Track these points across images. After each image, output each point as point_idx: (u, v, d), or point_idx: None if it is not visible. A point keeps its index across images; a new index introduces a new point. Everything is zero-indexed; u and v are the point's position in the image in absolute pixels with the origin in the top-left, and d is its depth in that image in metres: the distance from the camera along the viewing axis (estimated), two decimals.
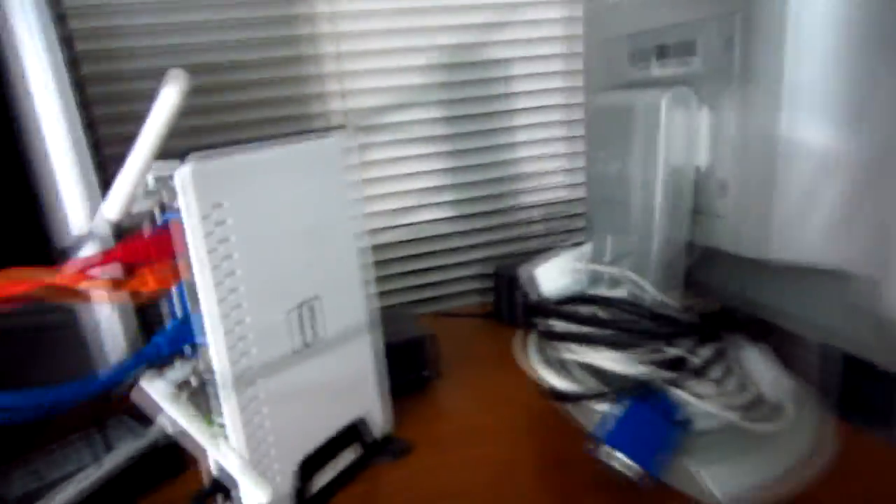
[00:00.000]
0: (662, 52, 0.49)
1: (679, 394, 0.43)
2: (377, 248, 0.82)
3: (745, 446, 0.43)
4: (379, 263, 0.82)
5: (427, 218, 0.84)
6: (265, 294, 0.39)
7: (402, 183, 0.83)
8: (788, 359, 0.47)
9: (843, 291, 0.39)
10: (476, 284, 0.89)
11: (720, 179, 0.45)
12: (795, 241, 0.40)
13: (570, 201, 0.91)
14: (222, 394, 0.38)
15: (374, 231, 0.82)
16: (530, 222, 0.90)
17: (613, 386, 0.45)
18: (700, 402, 0.43)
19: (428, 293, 0.87)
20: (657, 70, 0.49)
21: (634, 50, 0.52)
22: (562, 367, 0.49)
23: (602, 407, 0.46)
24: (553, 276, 0.55)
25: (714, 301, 0.49)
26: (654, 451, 0.41)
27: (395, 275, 0.85)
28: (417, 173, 0.83)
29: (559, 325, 0.51)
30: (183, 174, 0.35)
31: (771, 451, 0.42)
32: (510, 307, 0.74)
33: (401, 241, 0.84)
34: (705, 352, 0.45)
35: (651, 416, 0.42)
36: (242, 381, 0.39)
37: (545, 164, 0.88)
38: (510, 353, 0.58)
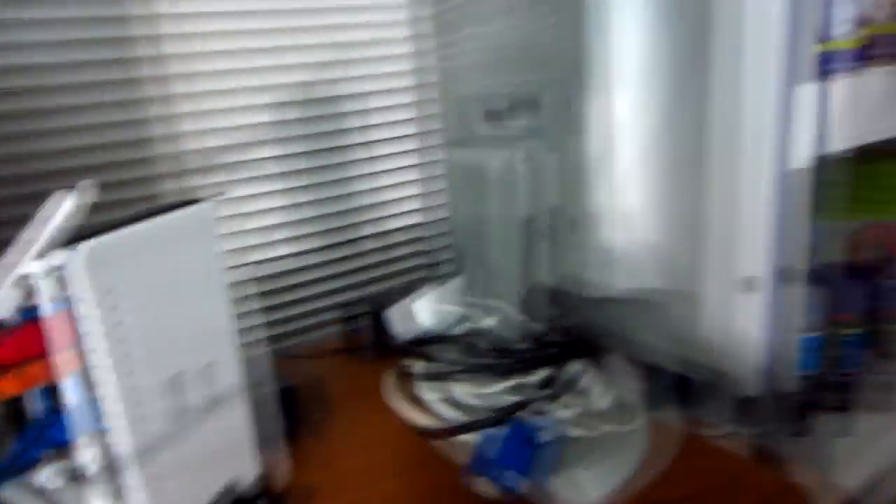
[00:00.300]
0: (513, 108, 0.56)
1: (545, 413, 0.51)
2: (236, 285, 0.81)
3: (604, 453, 0.51)
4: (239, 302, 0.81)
5: (283, 252, 0.85)
6: (157, 370, 0.40)
7: (257, 219, 0.83)
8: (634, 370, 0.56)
9: (668, 317, 0.49)
10: (339, 317, 0.90)
11: (570, 218, 0.53)
12: (633, 271, 0.50)
13: (430, 236, 0.95)
14: (128, 476, 0.38)
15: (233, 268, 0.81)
16: (391, 258, 0.94)
17: (481, 416, 0.52)
18: (560, 417, 0.51)
19: (291, 327, 0.87)
20: (509, 123, 0.57)
21: (486, 107, 0.59)
22: (436, 401, 0.54)
23: (473, 437, 0.52)
24: (426, 311, 0.60)
25: (571, 325, 0.57)
26: (525, 471, 0.47)
27: (254, 312, 0.84)
28: (271, 209, 0.84)
29: (425, 364, 0.57)
30: (77, 262, 0.34)
31: (627, 453, 0.52)
32: (377, 342, 0.78)
33: (258, 278, 0.84)
34: (564, 372, 0.53)
35: (518, 439, 0.49)
36: (143, 460, 0.39)
37: (400, 192, 0.91)
38: (380, 390, 0.61)
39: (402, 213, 0.92)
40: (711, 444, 0.56)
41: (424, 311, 0.59)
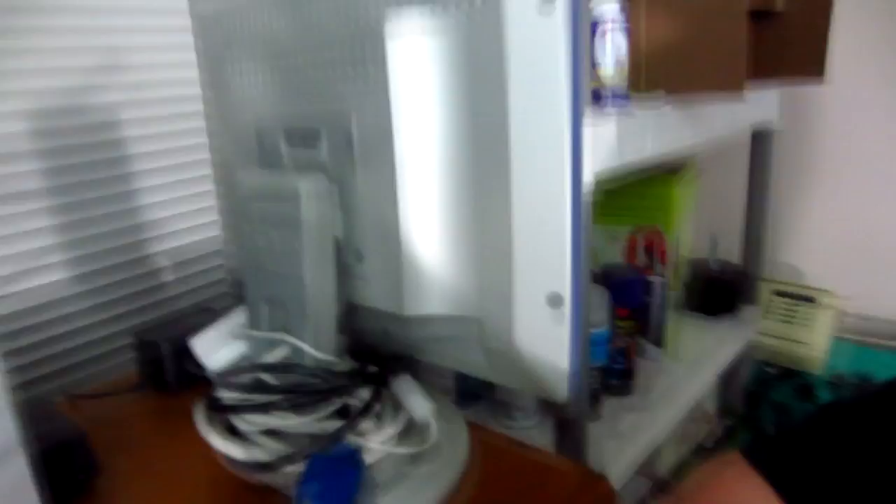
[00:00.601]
0: (292, 141, 0.55)
1: (351, 438, 0.50)
2: None
3: (415, 469, 0.52)
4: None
5: (45, 281, 0.75)
6: None
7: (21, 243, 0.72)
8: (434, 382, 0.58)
9: (465, 331, 0.51)
10: (117, 349, 0.82)
11: (356, 249, 0.53)
12: (422, 298, 0.51)
13: (210, 268, 0.90)
14: None
15: None
16: (165, 282, 0.87)
17: (295, 447, 0.50)
18: (365, 440, 0.51)
19: (63, 363, 0.78)
20: (290, 155, 0.55)
21: (265, 137, 0.57)
22: (254, 434, 0.52)
23: (292, 468, 0.50)
24: (214, 345, 0.57)
25: (370, 347, 0.57)
26: (347, 497, 0.47)
27: (17, 351, 0.74)
28: (24, 233, 0.73)
29: (231, 396, 0.54)
30: None
31: (437, 465, 0.53)
32: (161, 374, 0.72)
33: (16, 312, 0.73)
34: (364, 395, 0.53)
35: (335, 466, 0.48)
36: None
37: (174, 210, 0.85)
38: (177, 426, 0.57)
39: (192, 236, 0.87)
40: (517, 443, 0.60)
41: (223, 344, 0.56)
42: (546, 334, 0.47)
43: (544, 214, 0.45)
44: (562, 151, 0.43)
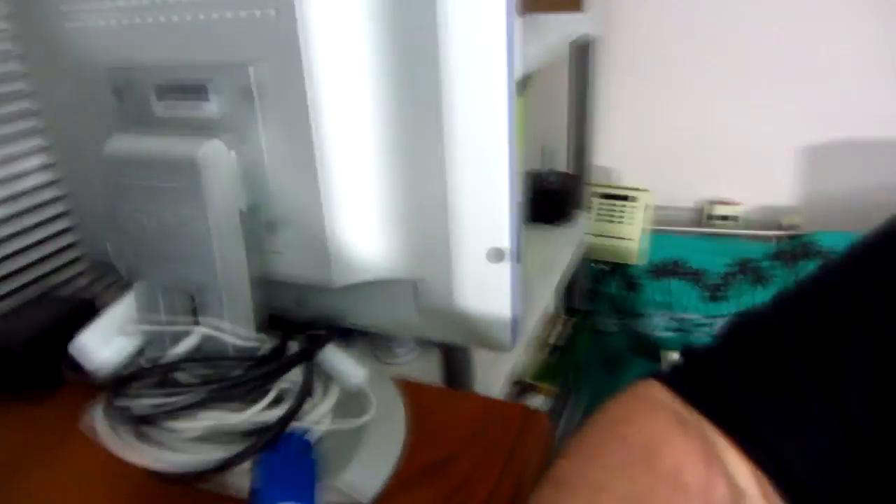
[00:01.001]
0: (165, 98, 0.46)
1: (296, 423, 0.47)
2: None
3: (360, 440, 0.49)
4: None
5: None
6: None
7: None
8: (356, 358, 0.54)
9: (401, 293, 0.48)
10: None
11: (266, 220, 0.47)
12: (352, 266, 0.47)
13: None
14: None
15: None
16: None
17: (228, 445, 0.45)
18: (302, 422, 0.47)
19: None
20: (164, 114, 0.46)
21: (127, 94, 0.47)
22: (180, 441, 0.46)
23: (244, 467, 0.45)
24: (99, 343, 0.49)
25: (279, 319, 0.52)
26: (310, 486, 0.44)
27: None
28: None
29: (143, 402, 0.47)
30: None
31: (382, 432, 0.51)
32: (15, 380, 0.60)
33: None
34: (295, 375, 0.49)
35: (288, 459, 0.45)
36: None
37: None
38: (53, 438, 0.49)
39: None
40: (444, 392, 0.60)
41: (111, 339, 0.48)
42: (488, 289, 0.46)
43: (483, 167, 0.43)
44: (501, 95, 0.41)
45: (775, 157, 1.56)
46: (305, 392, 0.48)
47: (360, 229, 0.46)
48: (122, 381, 0.48)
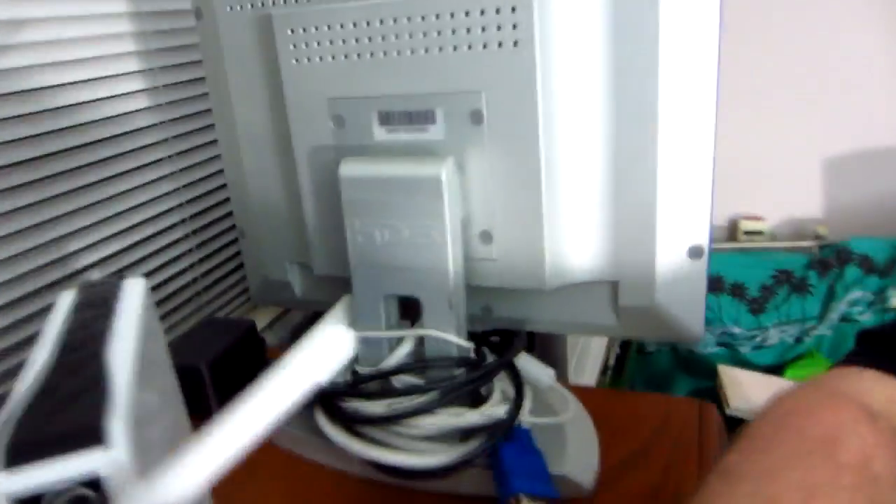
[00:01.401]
0: (389, 122, 0.51)
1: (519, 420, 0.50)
2: None
3: (566, 436, 0.53)
4: None
5: None
6: None
7: None
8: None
9: (596, 295, 0.53)
10: None
11: (483, 231, 0.51)
12: (561, 269, 0.51)
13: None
14: None
15: None
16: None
17: (453, 443, 0.49)
18: (524, 418, 0.51)
19: None
20: (384, 137, 0.51)
21: (346, 121, 0.51)
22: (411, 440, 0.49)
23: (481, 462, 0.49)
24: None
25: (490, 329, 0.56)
26: (546, 474, 0.47)
27: None
28: None
29: (369, 404, 0.51)
30: None
31: (579, 430, 0.54)
32: (203, 399, 0.63)
33: None
34: (505, 379, 0.53)
35: (522, 452, 0.48)
36: None
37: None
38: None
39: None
40: (607, 392, 0.64)
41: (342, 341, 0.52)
42: (686, 285, 0.51)
43: (689, 171, 0.48)
44: (709, 101, 0.46)
45: (799, 170, 1.63)
46: (521, 389, 0.52)
47: (573, 235, 0.50)
48: (352, 385, 0.51)
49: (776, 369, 1.58)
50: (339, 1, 0.50)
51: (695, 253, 0.50)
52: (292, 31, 0.51)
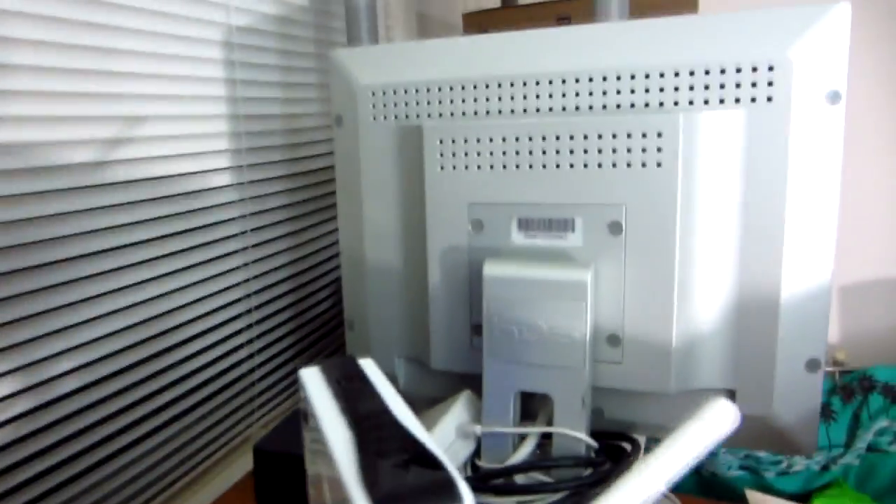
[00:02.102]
0: (527, 228, 0.54)
1: None
2: None
3: None
4: None
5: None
6: None
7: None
8: None
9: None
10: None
11: (611, 333, 0.54)
12: (685, 375, 0.54)
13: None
14: None
15: None
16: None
17: None
18: None
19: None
20: (522, 241, 0.54)
21: (486, 224, 0.55)
22: None
23: None
24: (441, 446, 0.53)
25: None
26: None
27: None
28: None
29: (502, 502, 0.51)
30: None
31: None
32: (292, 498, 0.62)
33: None
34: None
35: None
36: None
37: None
38: None
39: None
40: None
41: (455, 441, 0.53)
42: (803, 397, 0.53)
43: (809, 290, 0.52)
44: (831, 223, 0.51)
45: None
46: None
47: (699, 343, 0.53)
48: (481, 479, 0.52)
49: (802, 498, 1.57)
50: (487, 117, 0.56)
51: (812, 366, 0.53)
52: (441, 141, 0.56)
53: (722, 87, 0.50)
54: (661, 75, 0.51)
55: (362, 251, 0.63)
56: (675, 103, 0.51)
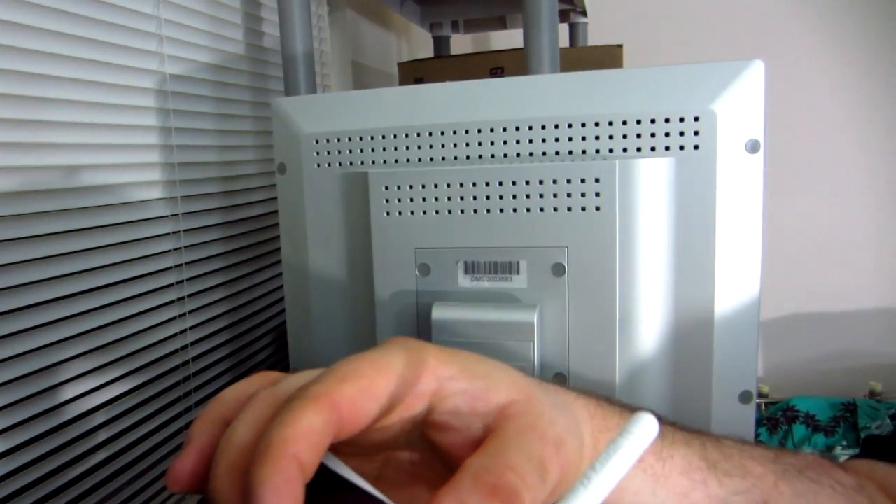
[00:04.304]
0: (472, 271, 0.56)
1: None
2: None
3: None
4: None
5: None
6: None
7: None
8: None
9: None
10: None
11: (557, 372, 0.55)
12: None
13: None
14: None
15: None
16: None
17: None
18: None
19: None
20: (467, 284, 0.56)
21: (431, 268, 0.56)
22: None
23: None
24: None
25: None
26: None
27: None
28: None
29: None
30: None
31: None
32: None
33: None
34: None
35: None
36: None
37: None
38: None
39: None
40: None
41: None
42: (739, 428, 0.56)
43: (739, 325, 0.55)
44: (755, 265, 0.54)
45: None
46: None
47: (640, 377, 0.55)
48: None
49: None
50: (431, 164, 0.57)
51: (745, 398, 0.56)
52: (386, 187, 0.57)
53: (653, 135, 0.53)
54: (597, 124, 0.54)
55: (308, 299, 0.63)
56: (611, 150, 0.54)
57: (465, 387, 0.25)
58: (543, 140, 0.55)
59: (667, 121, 0.52)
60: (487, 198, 0.55)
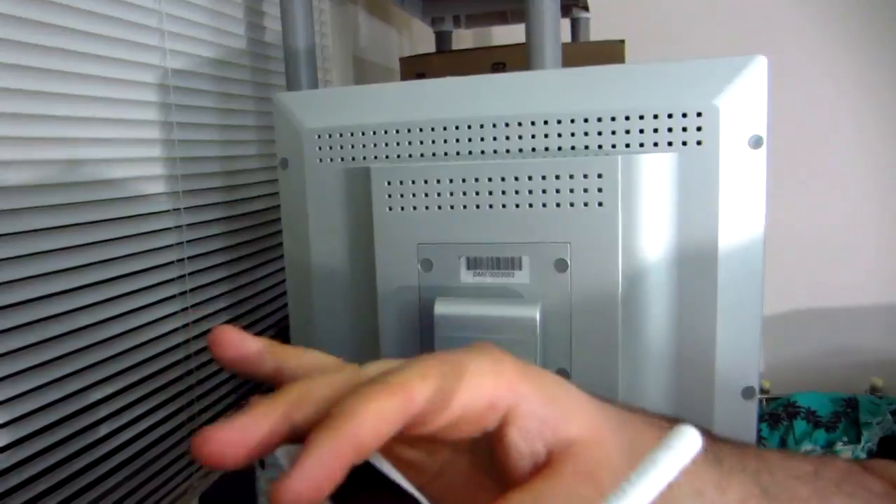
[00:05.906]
0: (475, 266, 0.56)
1: None
2: None
3: None
4: None
5: None
6: None
7: None
8: None
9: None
10: None
11: (560, 368, 0.55)
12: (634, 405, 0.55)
13: None
14: None
15: None
16: None
17: None
18: None
19: None
20: (470, 279, 0.55)
21: (435, 263, 0.56)
22: None
23: None
24: None
25: None
26: None
27: None
28: None
29: None
30: None
31: None
32: None
33: None
34: None
35: None
36: None
37: None
38: None
39: None
40: None
41: None
42: (741, 423, 0.56)
43: (742, 321, 0.55)
44: (758, 261, 0.54)
45: None
46: None
47: (643, 374, 0.55)
48: None
49: None
50: (433, 159, 0.57)
51: (748, 394, 0.56)
52: (389, 182, 0.57)
53: (655, 131, 0.53)
54: (599, 120, 0.53)
55: (310, 294, 0.63)
56: (613, 146, 0.54)
57: (539, 410, 0.24)
58: (546, 135, 0.55)
59: (669, 116, 0.52)
60: (490, 193, 0.55)
